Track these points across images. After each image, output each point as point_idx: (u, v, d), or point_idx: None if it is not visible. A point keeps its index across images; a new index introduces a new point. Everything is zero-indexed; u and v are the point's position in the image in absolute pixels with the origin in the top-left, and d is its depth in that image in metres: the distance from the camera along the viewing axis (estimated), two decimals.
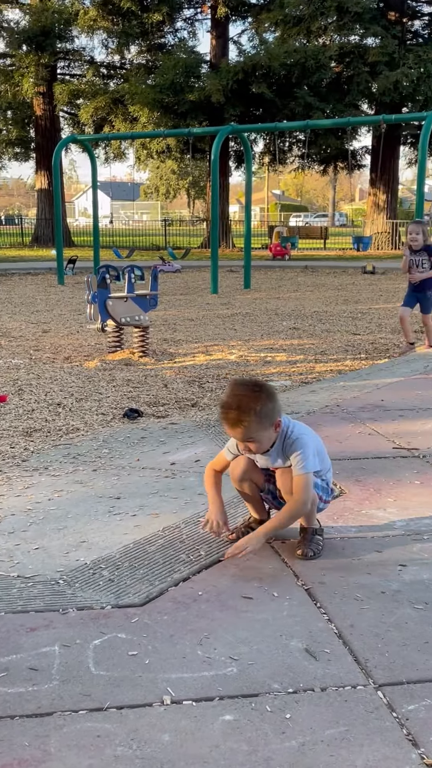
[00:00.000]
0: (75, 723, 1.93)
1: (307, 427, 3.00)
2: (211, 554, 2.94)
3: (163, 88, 25.20)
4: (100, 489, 3.73)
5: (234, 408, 2.74)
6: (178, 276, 19.41)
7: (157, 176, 71.76)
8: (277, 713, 1.96)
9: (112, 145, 30.77)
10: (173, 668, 2.17)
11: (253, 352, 7.89)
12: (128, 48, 29.80)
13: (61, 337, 8.95)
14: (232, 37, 30.46)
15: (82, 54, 30.64)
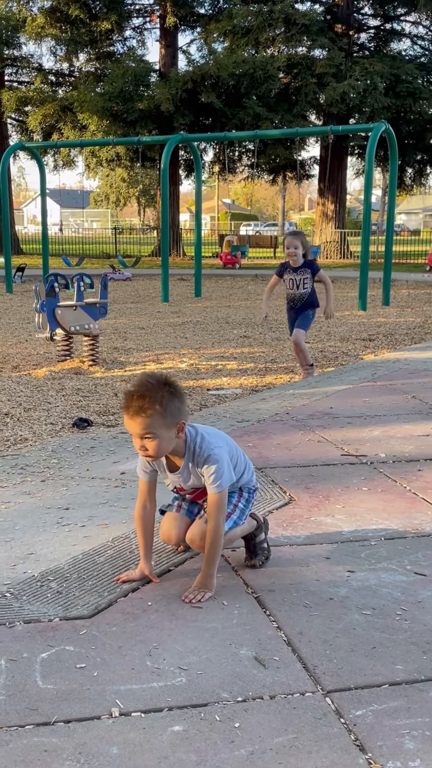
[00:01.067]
0: (21, 738, 1.90)
1: (216, 433, 2.85)
2: (161, 564, 2.93)
3: (113, 96, 25.12)
4: (48, 500, 3.69)
5: (138, 396, 2.57)
6: (129, 284, 19.36)
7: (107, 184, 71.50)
8: (226, 722, 1.96)
9: (61, 153, 30.56)
10: (122, 680, 2.16)
11: (204, 361, 7.90)
12: (77, 56, 29.65)
13: (9, 346, 8.84)
14: (182, 46, 30.57)
15: (30, 61, 30.39)
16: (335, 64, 25.10)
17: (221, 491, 2.69)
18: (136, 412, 2.57)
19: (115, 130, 25.58)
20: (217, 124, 25.89)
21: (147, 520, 2.80)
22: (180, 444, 2.70)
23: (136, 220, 71.57)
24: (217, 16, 27.36)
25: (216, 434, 2.83)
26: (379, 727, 1.95)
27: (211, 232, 46.83)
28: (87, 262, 25.94)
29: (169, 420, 2.59)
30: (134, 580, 2.76)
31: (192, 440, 2.72)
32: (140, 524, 2.80)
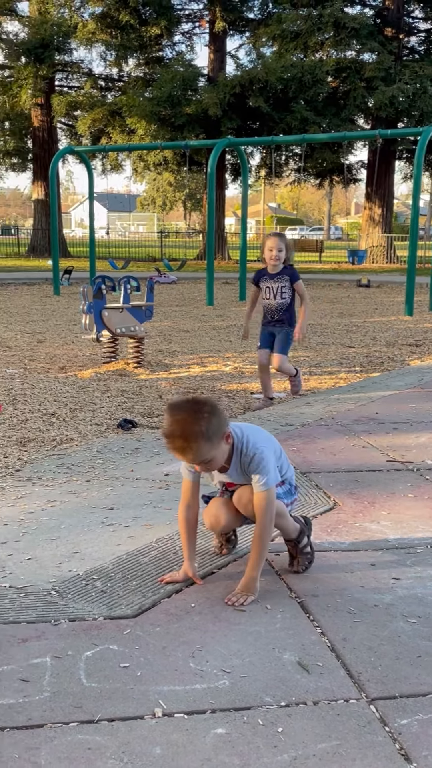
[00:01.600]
0: (66, 735, 1.91)
1: (260, 432, 2.84)
2: (204, 566, 2.93)
3: (161, 100, 25.31)
4: (93, 499, 3.72)
5: (178, 436, 2.54)
6: (174, 287, 19.44)
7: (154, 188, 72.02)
8: (269, 727, 1.95)
9: (109, 157, 30.86)
10: (165, 680, 2.16)
11: (248, 364, 7.89)
12: (126, 61, 29.94)
13: (56, 348, 8.94)
14: (230, 51, 30.77)
15: (80, 66, 30.78)
16: (384, 68, 24.94)
17: (268, 489, 2.68)
18: (183, 452, 2.59)
19: (163, 135, 25.75)
20: (265, 129, 25.90)
21: (191, 521, 2.81)
22: (228, 447, 2.71)
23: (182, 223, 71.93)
24: (266, 21, 27.39)
25: (261, 433, 2.84)
26: (425, 737, 1.93)
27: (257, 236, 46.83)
28: (133, 265, 26.14)
29: (215, 441, 2.59)
30: (178, 582, 2.76)
31: (239, 441, 2.73)
32: (184, 525, 2.81)
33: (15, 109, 29.53)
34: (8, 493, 3.81)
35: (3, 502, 3.66)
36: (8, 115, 30.31)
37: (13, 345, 9.08)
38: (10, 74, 30.01)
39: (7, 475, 4.11)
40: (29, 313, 12.99)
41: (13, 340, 9.47)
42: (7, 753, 1.84)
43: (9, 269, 24.36)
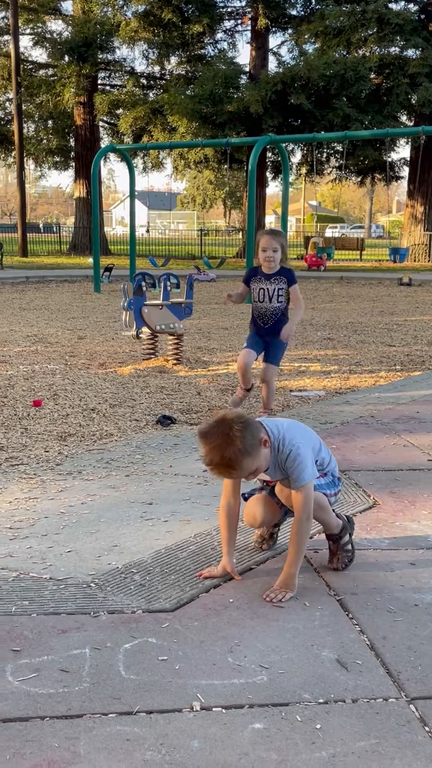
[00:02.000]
0: (105, 726, 1.93)
1: (297, 427, 2.83)
2: (243, 561, 2.93)
3: (202, 98, 25.33)
4: (132, 494, 3.74)
5: (218, 463, 2.56)
6: (213, 285, 19.46)
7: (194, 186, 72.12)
8: (307, 723, 1.95)
9: (150, 155, 31.00)
10: (203, 674, 2.16)
11: (287, 362, 7.86)
12: (168, 59, 30.03)
13: (97, 344, 9.01)
14: (272, 48, 30.55)
15: (122, 65, 30.94)
16: (429, 64, 24.65)
17: (304, 484, 2.67)
18: (227, 474, 2.64)
19: (204, 132, 25.78)
20: (306, 126, 25.76)
21: (231, 516, 2.81)
22: (268, 451, 2.71)
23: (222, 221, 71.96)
24: (309, 17, 27.24)
25: (298, 428, 2.83)
26: None
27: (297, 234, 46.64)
28: (172, 263, 26.23)
29: (254, 453, 2.59)
30: (216, 577, 2.77)
31: (275, 439, 2.73)
32: (224, 520, 2.81)
33: (58, 108, 29.82)
34: (49, 486, 3.85)
35: (44, 496, 3.70)
36: (51, 114, 30.62)
37: (54, 341, 9.17)
38: (53, 73, 30.31)
39: (48, 469, 4.16)
40: (70, 310, 13.11)
41: (54, 337, 9.57)
42: (47, 742, 1.86)
43: (51, 267, 24.61)
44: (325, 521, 2.86)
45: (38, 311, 12.67)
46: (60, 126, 31.91)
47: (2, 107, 32.04)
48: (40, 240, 38.33)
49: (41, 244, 36.58)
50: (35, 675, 2.15)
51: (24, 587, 2.69)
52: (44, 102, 29.98)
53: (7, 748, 1.83)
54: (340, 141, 24.07)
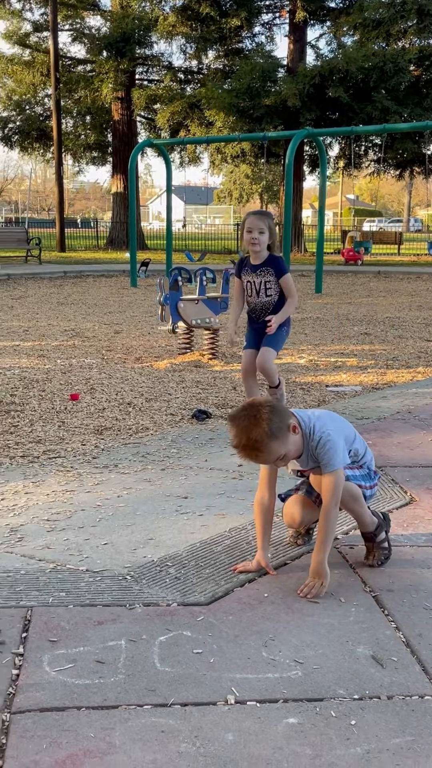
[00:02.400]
0: (140, 717, 1.95)
1: (331, 417, 2.84)
2: (278, 557, 2.93)
3: (240, 92, 25.25)
4: (167, 488, 3.76)
5: (245, 445, 2.59)
6: None
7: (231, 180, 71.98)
8: (342, 719, 1.94)
9: (187, 150, 31.01)
10: (238, 668, 2.17)
11: (323, 357, 7.83)
12: (206, 53, 29.97)
13: (133, 338, 9.06)
14: (310, 41, 30.34)
15: (160, 59, 30.99)
16: None
17: (334, 470, 2.67)
18: (254, 457, 2.64)
19: (241, 126, 25.71)
20: (344, 119, 25.56)
21: (266, 511, 2.81)
22: (299, 438, 2.72)
23: None
24: (348, 9, 27.00)
25: (331, 417, 2.84)
26: None
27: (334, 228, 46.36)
28: (209, 258, 26.22)
29: (281, 437, 2.60)
30: (250, 571, 2.77)
31: (306, 426, 2.74)
32: (260, 514, 2.81)
33: (96, 103, 29.97)
34: (86, 479, 3.88)
35: (80, 488, 3.73)
36: (89, 109, 30.78)
37: (91, 336, 9.24)
38: (91, 69, 30.46)
39: (85, 462, 4.19)
40: (107, 304, 13.19)
41: (91, 331, 9.64)
42: (83, 732, 1.88)
43: (88, 261, 24.78)
44: (359, 515, 2.85)
45: (75, 306, 12.76)
46: (98, 121, 32.06)
47: (41, 103, 32.27)
48: (78, 235, 38.58)
49: (79, 239, 36.83)
50: (72, 665, 2.17)
51: (61, 579, 2.72)
52: (82, 97, 30.16)
53: (44, 736, 1.86)
54: (378, 134, 23.85)
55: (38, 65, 30.36)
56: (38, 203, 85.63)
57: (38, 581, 2.69)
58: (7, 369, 6.91)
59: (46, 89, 31.01)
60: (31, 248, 22.63)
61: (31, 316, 11.09)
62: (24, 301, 13.35)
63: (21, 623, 2.40)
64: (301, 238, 30.45)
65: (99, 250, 32.19)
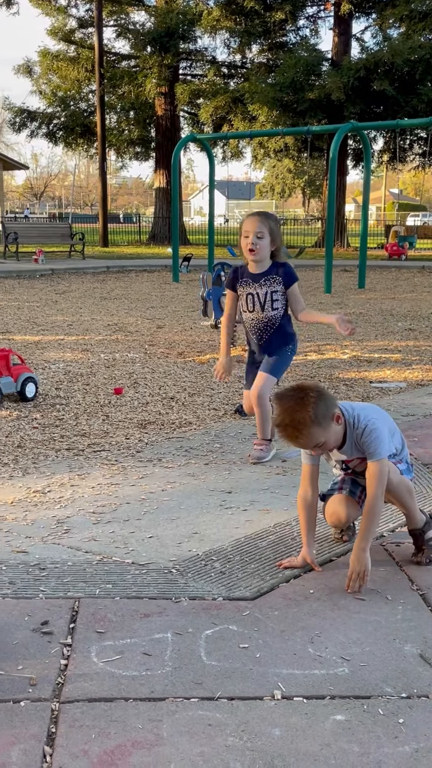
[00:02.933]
0: (187, 710, 1.95)
1: (373, 408, 2.84)
2: (323, 553, 2.92)
3: (283, 86, 25.13)
4: (211, 482, 3.77)
5: (287, 425, 2.60)
6: None
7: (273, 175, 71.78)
8: (389, 717, 1.93)
9: (230, 144, 30.97)
10: (284, 664, 2.17)
11: (367, 353, 7.77)
12: (250, 47, 29.87)
13: (175, 333, 9.09)
14: (355, 33, 30.09)
15: (204, 54, 30.96)
16: None
17: (381, 459, 2.67)
18: (295, 439, 2.64)
19: (285, 121, 25.59)
20: (389, 113, 25.27)
21: (310, 507, 2.80)
22: (340, 428, 2.72)
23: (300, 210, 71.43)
24: (394, 2, 26.63)
25: (373, 409, 2.84)
26: None
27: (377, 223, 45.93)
28: None
29: (324, 424, 2.62)
30: (296, 567, 2.76)
31: (350, 416, 2.74)
32: (304, 511, 2.80)
33: (140, 99, 30.08)
34: (130, 473, 3.91)
35: (125, 482, 3.76)
36: (133, 105, 30.91)
37: (134, 330, 9.29)
38: (135, 64, 30.57)
39: (129, 456, 4.22)
40: (149, 299, 13.25)
41: (134, 326, 9.69)
42: (131, 723, 1.90)
43: (130, 256, 24.91)
44: (411, 510, 2.83)
45: (118, 300, 12.85)
46: (141, 117, 32.17)
47: (85, 99, 32.50)
48: (120, 230, 38.82)
49: (121, 234, 37.06)
50: (119, 657, 2.19)
51: (107, 571, 2.74)
52: (126, 93, 30.29)
53: (92, 726, 1.88)
54: (424, 127, 23.52)
55: (83, 61, 30.58)
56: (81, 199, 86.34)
57: (85, 573, 2.72)
58: (52, 363, 6.98)
59: (90, 85, 31.21)
60: (75, 243, 22.82)
61: (75, 311, 11.19)
62: (68, 295, 13.48)
63: (69, 614, 2.43)
64: (344, 233, 30.22)
65: (141, 245, 32.34)
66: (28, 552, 2.92)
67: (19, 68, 31.74)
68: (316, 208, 55.54)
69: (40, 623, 2.36)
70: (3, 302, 12.23)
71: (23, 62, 31.63)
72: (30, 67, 31.66)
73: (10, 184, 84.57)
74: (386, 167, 34.56)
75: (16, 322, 9.83)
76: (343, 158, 28.74)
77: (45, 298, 13.02)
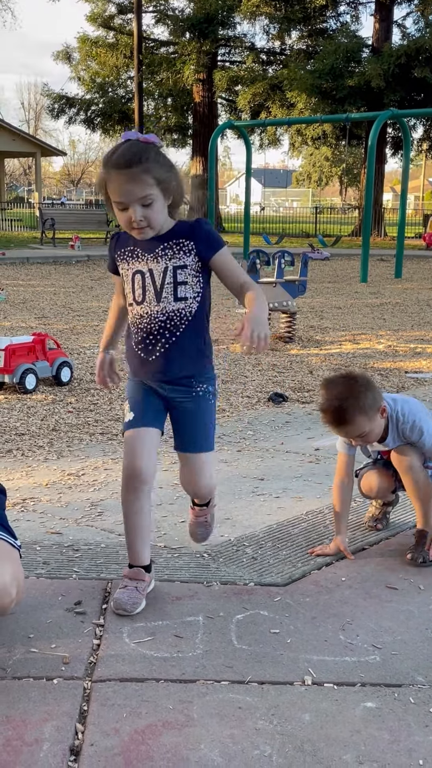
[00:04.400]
0: (217, 692, 1.97)
1: (412, 400, 2.83)
2: (356, 541, 2.91)
3: (323, 73, 24.90)
4: (244, 469, 3.77)
5: (334, 410, 2.60)
6: (327, 264, 19.22)
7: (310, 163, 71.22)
8: (420, 706, 1.92)
9: (267, 132, 30.78)
10: (315, 650, 2.17)
11: (402, 343, 7.70)
12: (289, 33, 29.62)
13: (210, 320, 9.08)
14: (397, 20, 29.61)
15: (242, 40, 30.74)
16: None
17: (428, 446, 2.70)
18: (340, 425, 2.65)
19: (323, 108, 25.37)
20: (429, 100, 24.94)
21: (345, 495, 2.79)
22: (383, 421, 2.70)
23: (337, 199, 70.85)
24: None
25: (414, 402, 2.83)
26: None
27: (415, 212, 45.39)
28: (286, 241, 26.05)
29: (371, 414, 2.63)
30: (328, 554, 2.76)
31: (392, 410, 2.73)
32: (339, 498, 2.79)
33: (178, 86, 29.98)
34: (163, 458, 3.92)
35: (158, 467, 3.77)
36: (171, 91, 30.83)
37: None
38: (174, 50, 30.47)
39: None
40: None
41: None
42: (162, 703, 1.91)
43: None
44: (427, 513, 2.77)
45: None
46: (179, 103, 32.06)
47: (123, 85, 32.49)
48: None
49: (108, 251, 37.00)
50: (151, 638, 2.21)
51: None
52: (164, 80, 30.21)
53: (124, 705, 1.90)
54: None
55: (122, 47, 30.54)
56: None
57: (118, 555, 2.74)
58: (87, 348, 7.03)
59: (128, 71, 31.18)
60: (111, 230, 22.89)
61: (110, 297, 11.20)
62: (103, 282, 13.54)
63: (101, 595, 2.45)
64: (381, 222, 29.91)
65: None
66: (62, 533, 2.96)
67: (58, 54, 31.82)
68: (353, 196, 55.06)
69: (73, 603, 2.39)
70: (39, 288, 12.32)
71: (62, 48, 31.70)
72: (69, 54, 31.72)
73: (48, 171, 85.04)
74: (426, 156, 34.12)
75: (52, 308, 9.91)
76: (382, 146, 28.41)
77: (81, 284, 13.10)
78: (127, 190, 2.21)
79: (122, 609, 2.32)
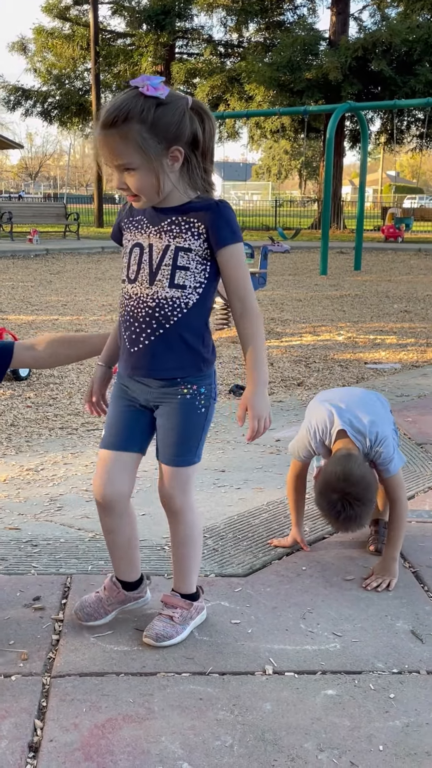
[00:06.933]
0: (178, 684, 1.96)
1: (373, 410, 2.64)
2: (316, 531, 2.92)
3: (280, 66, 24.93)
4: (205, 461, 3.74)
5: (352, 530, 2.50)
6: (287, 257, 19.28)
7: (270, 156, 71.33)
8: (380, 692, 1.93)
9: (226, 124, 30.74)
10: (276, 639, 2.17)
11: (362, 334, 7.75)
12: (247, 26, 29.60)
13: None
14: (353, 13, 29.78)
15: (200, 32, 30.67)
16: None
17: (396, 474, 2.57)
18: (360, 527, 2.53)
19: (281, 101, 25.41)
20: (387, 93, 25.12)
21: (299, 488, 2.78)
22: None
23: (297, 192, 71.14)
24: None
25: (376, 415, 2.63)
26: None
27: (374, 205, 45.76)
28: (246, 234, 26.06)
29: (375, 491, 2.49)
30: (285, 546, 2.75)
31: (363, 445, 2.56)
32: (292, 490, 2.78)
33: (135, 78, 29.79)
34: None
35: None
36: (129, 84, 30.62)
37: None
38: (131, 42, 30.27)
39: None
40: None
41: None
42: (122, 697, 1.90)
43: None
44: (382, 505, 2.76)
45: (113, 281, 12.79)
46: None
47: (80, 77, 32.20)
48: (116, 211, 38.52)
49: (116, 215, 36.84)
50: (111, 632, 2.19)
51: (100, 547, 2.73)
52: (122, 71, 30.00)
53: (84, 700, 1.88)
54: (422, 108, 23.40)
55: (78, 39, 30.25)
56: (77, 179, 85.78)
57: (77, 549, 2.72)
58: None
59: (85, 63, 30.91)
60: (70, 224, 22.68)
61: (69, 291, 11.14)
62: (62, 275, 13.41)
63: (61, 590, 2.42)
64: (340, 215, 30.09)
65: None
66: (21, 529, 2.92)
67: (13, 45, 31.42)
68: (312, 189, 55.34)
69: (32, 599, 2.36)
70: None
71: (17, 39, 31.33)
72: (25, 45, 31.35)
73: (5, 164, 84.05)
74: (383, 149, 34.36)
75: (10, 302, 9.78)
76: (340, 139, 28.55)
77: (39, 278, 12.96)
78: (104, 153, 1.92)
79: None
